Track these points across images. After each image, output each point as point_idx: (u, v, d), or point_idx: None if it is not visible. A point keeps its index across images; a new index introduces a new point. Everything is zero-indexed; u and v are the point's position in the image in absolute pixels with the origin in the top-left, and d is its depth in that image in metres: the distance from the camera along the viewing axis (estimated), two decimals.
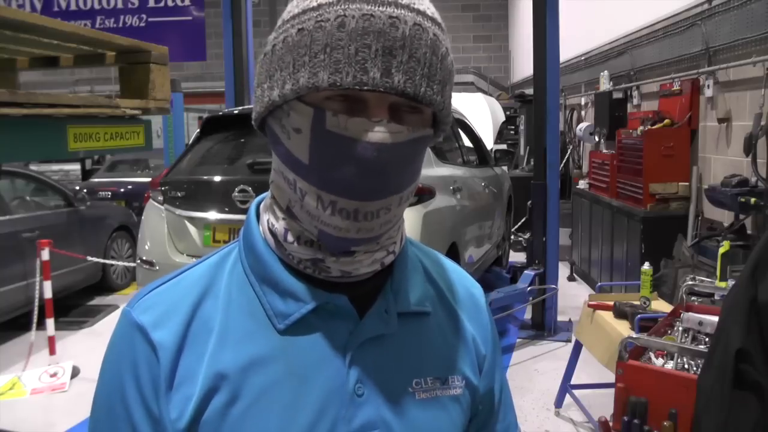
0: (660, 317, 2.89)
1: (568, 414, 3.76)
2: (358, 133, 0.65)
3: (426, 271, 0.85)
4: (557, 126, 5.41)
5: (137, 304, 0.75)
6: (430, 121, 0.72)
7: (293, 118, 0.68)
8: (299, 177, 0.69)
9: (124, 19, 6.93)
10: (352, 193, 0.67)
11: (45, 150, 2.02)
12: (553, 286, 5.23)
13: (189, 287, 0.75)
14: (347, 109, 0.66)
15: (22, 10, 3.76)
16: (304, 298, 0.72)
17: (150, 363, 0.71)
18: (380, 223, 0.70)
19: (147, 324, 0.72)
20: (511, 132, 10.91)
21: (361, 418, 0.71)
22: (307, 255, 0.73)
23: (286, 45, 0.68)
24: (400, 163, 0.68)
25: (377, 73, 0.64)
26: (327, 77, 0.64)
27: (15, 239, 5.24)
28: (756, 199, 4.00)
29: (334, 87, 0.64)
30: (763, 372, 1.07)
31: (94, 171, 10.76)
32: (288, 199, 0.73)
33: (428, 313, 0.80)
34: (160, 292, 0.75)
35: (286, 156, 0.70)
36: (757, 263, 1.13)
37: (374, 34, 0.64)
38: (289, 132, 0.69)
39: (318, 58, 0.65)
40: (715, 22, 4.87)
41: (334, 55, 0.64)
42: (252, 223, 0.78)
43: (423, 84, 0.66)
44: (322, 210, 0.68)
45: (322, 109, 0.66)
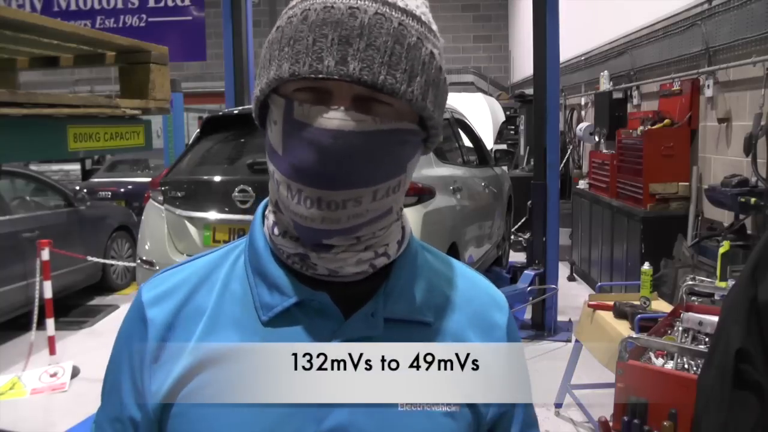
0: (660, 317, 2.89)
1: (568, 414, 3.76)
2: (317, 120, 0.67)
3: (437, 278, 0.81)
4: (557, 126, 5.41)
5: (149, 282, 0.81)
6: (411, 116, 0.71)
7: (273, 111, 0.71)
8: (276, 168, 0.71)
9: (124, 19, 6.93)
10: (315, 182, 0.68)
11: (45, 150, 2.02)
12: (553, 286, 5.23)
13: (192, 273, 0.80)
14: (315, 100, 0.68)
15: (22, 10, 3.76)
16: (288, 292, 0.74)
17: (141, 337, 0.76)
18: (348, 215, 0.69)
19: (146, 301, 0.78)
20: (511, 132, 10.91)
21: (333, 421, 0.70)
22: (292, 249, 0.74)
23: (268, 44, 0.72)
24: (368, 155, 0.67)
25: (332, 61, 0.65)
26: (288, 68, 0.67)
27: (15, 239, 5.24)
28: (756, 199, 4.00)
29: (294, 77, 0.67)
30: (763, 372, 1.07)
31: (94, 171, 10.76)
32: (274, 192, 0.74)
33: (427, 324, 0.77)
34: (169, 275, 0.81)
35: (269, 148, 0.73)
36: (757, 263, 1.13)
37: (332, 24, 0.66)
38: (271, 124, 0.72)
39: (284, 51, 0.68)
40: (715, 22, 4.87)
41: (295, 46, 0.67)
42: (257, 219, 0.80)
43: (382, 72, 0.65)
44: (291, 199, 0.70)
45: (291, 99, 0.68)
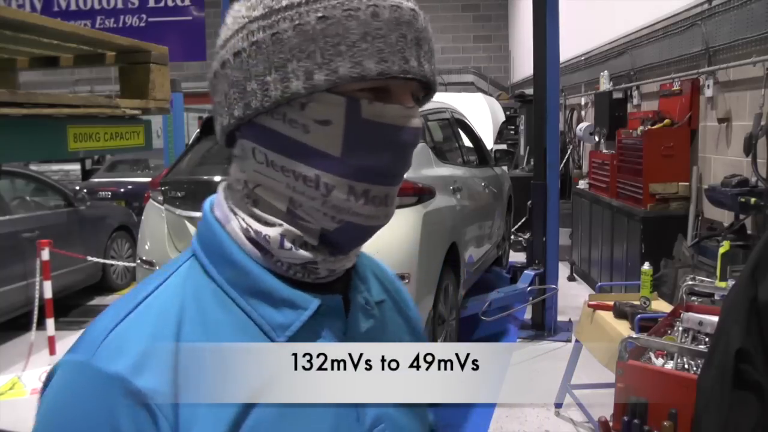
0: (660, 317, 2.89)
1: (568, 414, 3.76)
2: (397, 119, 0.67)
3: (365, 262, 0.84)
4: (557, 126, 5.41)
5: (97, 352, 0.61)
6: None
7: (315, 110, 0.65)
8: (324, 171, 0.66)
9: (124, 19, 6.93)
10: (384, 179, 0.68)
11: (45, 150, 2.02)
12: (553, 286, 5.23)
13: (160, 318, 0.64)
14: (376, 98, 0.66)
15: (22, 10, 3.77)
16: (303, 305, 0.68)
17: (140, 422, 0.59)
18: (393, 207, 0.72)
19: (124, 372, 0.59)
20: (511, 132, 10.91)
21: (371, 417, 0.72)
22: (301, 259, 0.69)
23: (303, 33, 0.64)
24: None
25: (414, 62, 0.66)
26: (374, 66, 0.64)
27: (15, 239, 5.24)
28: (756, 199, 4.00)
29: (383, 75, 0.65)
30: (763, 372, 1.07)
31: (94, 171, 10.77)
32: (288, 199, 0.68)
33: (384, 301, 0.81)
34: (124, 333, 0.63)
35: (302, 151, 0.66)
36: (757, 263, 1.13)
37: (406, 25, 0.66)
38: (306, 126, 0.66)
39: (359, 47, 0.64)
40: (715, 22, 4.87)
41: (375, 43, 0.65)
42: (220, 234, 0.70)
43: (434, 72, 0.70)
44: (354, 201, 0.67)
45: (356, 98, 0.65)
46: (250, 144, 0.69)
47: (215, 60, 0.71)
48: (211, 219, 0.72)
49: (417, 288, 3.73)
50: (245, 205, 0.71)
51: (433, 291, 3.94)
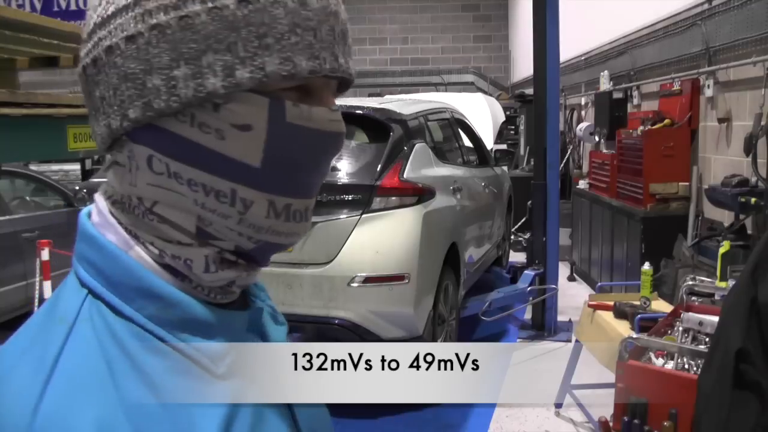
0: (660, 317, 2.89)
1: (568, 414, 3.76)
2: (324, 123, 0.58)
3: None
4: (557, 126, 5.41)
5: (37, 418, 0.48)
6: None
7: (233, 113, 0.55)
8: (241, 185, 0.56)
9: None
10: (305, 191, 0.60)
11: (45, 150, 2.02)
12: (553, 286, 5.23)
13: (93, 383, 0.51)
14: (300, 98, 0.57)
15: (22, 10, 3.77)
16: (231, 328, 0.61)
17: None
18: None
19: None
20: (511, 132, 10.91)
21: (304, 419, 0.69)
22: (224, 280, 0.60)
23: (220, 19, 0.53)
24: None
25: (342, 58, 0.58)
26: (305, 63, 0.55)
27: (15, 239, 5.24)
28: (756, 199, 4.00)
29: (314, 74, 0.56)
30: (763, 372, 1.07)
31: (94, 171, 10.77)
32: (197, 217, 0.57)
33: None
34: (58, 412, 0.49)
35: (214, 162, 0.55)
36: (757, 263, 1.13)
37: (334, 16, 0.58)
38: (221, 131, 0.55)
39: (287, 40, 0.54)
40: (715, 22, 4.87)
41: (306, 37, 0.55)
42: (125, 261, 0.57)
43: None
44: (274, 218, 0.58)
45: (280, 99, 0.56)
46: (146, 151, 0.56)
47: (90, 43, 0.57)
48: (107, 245, 0.57)
49: (417, 288, 3.73)
50: (148, 224, 0.58)
51: (433, 291, 3.94)
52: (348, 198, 3.73)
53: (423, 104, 4.97)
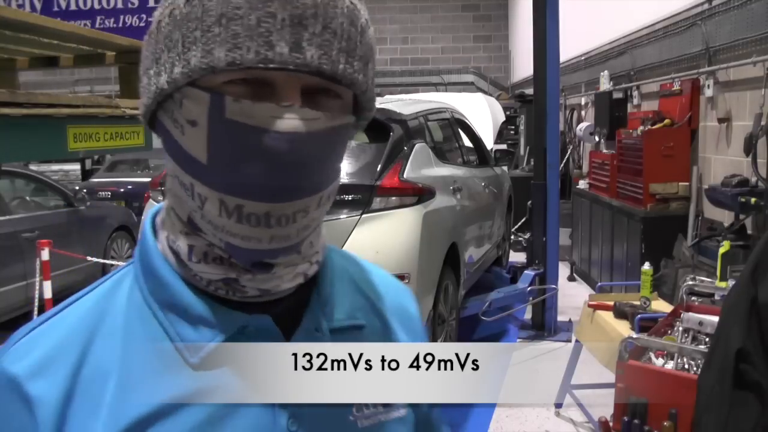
0: (660, 317, 2.89)
1: (568, 414, 3.76)
2: (265, 120, 0.54)
3: (352, 278, 0.76)
4: (557, 126, 5.41)
5: (9, 351, 0.61)
6: (350, 107, 0.62)
7: (186, 108, 0.57)
8: (196, 180, 0.58)
9: (124, 19, 6.92)
10: (261, 194, 0.56)
11: (45, 150, 2.02)
12: (553, 286, 5.23)
13: (74, 325, 0.61)
14: (252, 94, 0.55)
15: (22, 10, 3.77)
16: (219, 324, 0.61)
17: (23, 424, 0.57)
18: (297, 229, 0.59)
19: (21, 374, 0.58)
20: (511, 132, 10.90)
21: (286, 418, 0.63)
22: (217, 275, 0.61)
23: (173, 19, 0.56)
24: (318, 157, 0.57)
25: (285, 47, 0.53)
26: (224, 55, 0.53)
27: (15, 239, 5.24)
28: (756, 199, 4.00)
29: (233, 66, 0.54)
30: (763, 372, 1.07)
31: (94, 171, 10.77)
32: (188, 209, 0.61)
33: (362, 327, 0.72)
34: (38, 335, 0.61)
35: (181, 155, 0.58)
36: (757, 263, 1.13)
37: (279, 1, 0.53)
38: (182, 126, 0.57)
39: (212, 32, 0.54)
40: (715, 22, 4.87)
41: (231, 27, 0.53)
42: (148, 241, 0.65)
43: (341, 60, 0.56)
44: (226, 218, 0.57)
45: (221, 94, 0.55)
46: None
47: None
48: (148, 225, 0.66)
49: (417, 288, 3.73)
50: (167, 211, 0.65)
51: (433, 291, 3.94)
52: (348, 198, 3.73)
53: (423, 104, 4.97)
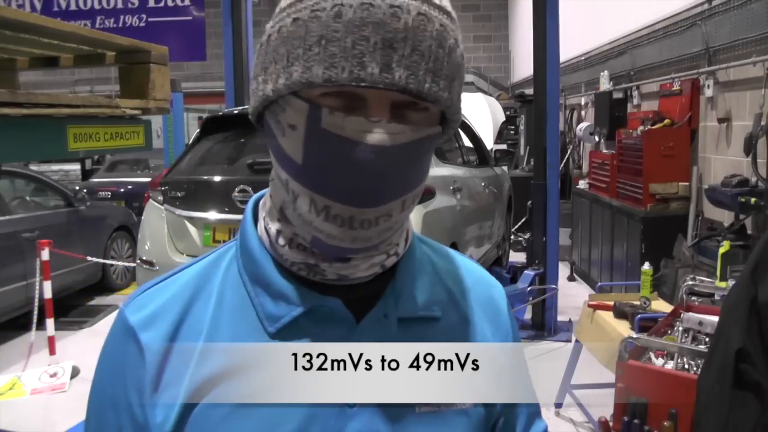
0: (660, 317, 2.89)
1: (568, 414, 3.76)
2: (355, 133, 0.61)
3: (436, 271, 0.80)
4: (557, 126, 5.41)
5: (131, 303, 0.73)
6: (437, 119, 0.68)
7: (288, 114, 0.64)
8: (291, 177, 0.65)
9: (124, 19, 6.93)
10: (347, 199, 0.62)
11: (45, 150, 2.02)
12: (553, 286, 5.23)
13: (182, 287, 0.73)
14: (345, 107, 0.62)
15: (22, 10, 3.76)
16: (295, 301, 0.69)
17: (136, 365, 0.69)
18: (378, 232, 0.65)
19: (136, 324, 0.70)
20: (511, 132, 10.90)
21: (351, 431, 0.68)
22: (299, 259, 0.70)
23: (280, 36, 0.64)
24: (403, 166, 0.63)
25: (376, 68, 0.59)
26: (321, 72, 0.60)
27: (15, 239, 5.24)
28: (756, 199, 4.00)
29: (329, 83, 0.60)
30: (763, 372, 1.07)
31: (94, 171, 10.77)
32: (282, 199, 0.69)
33: (437, 319, 0.76)
34: (153, 292, 0.73)
35: (280, 153, 0.66)
36: (757, 263, 1.13)
37: (373, 25, 0.59)
38: (284, 128, 0.65)
39: (312, 51, 0.61)
40: (715, 22, 4.87)
41: (329, 48, 0.60)
42: (248, 221, 0.75)
43: (427, 79, 0.61)
44: (315, 215, 0.64)
45: (318, 105, 0.62)
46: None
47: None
48: (249, 208, 0.77)
49: None
50: (268, 197, 0.75)
51: None
52: None
53: None
